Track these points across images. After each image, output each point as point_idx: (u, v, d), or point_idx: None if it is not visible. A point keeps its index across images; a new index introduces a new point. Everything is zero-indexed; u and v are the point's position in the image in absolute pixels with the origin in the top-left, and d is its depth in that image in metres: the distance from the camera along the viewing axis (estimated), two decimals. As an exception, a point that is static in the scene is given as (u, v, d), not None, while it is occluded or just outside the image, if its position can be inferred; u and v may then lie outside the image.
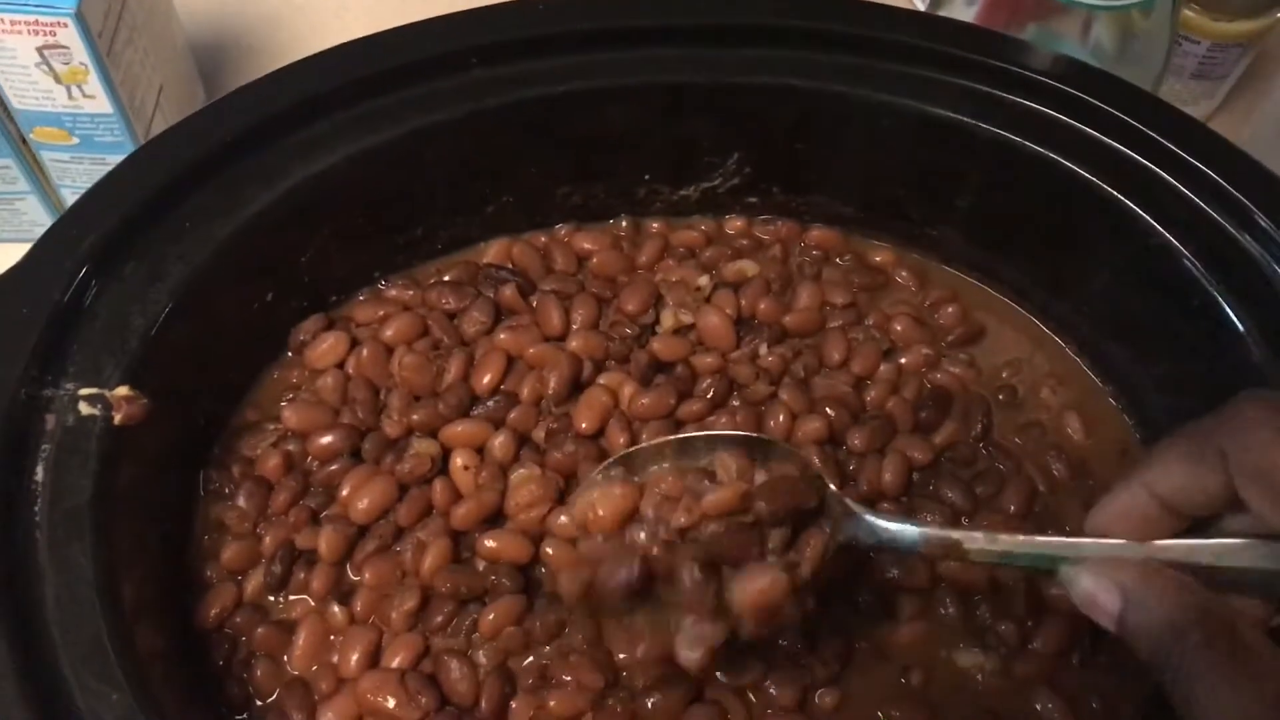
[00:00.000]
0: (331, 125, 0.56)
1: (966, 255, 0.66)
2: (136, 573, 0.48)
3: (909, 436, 0.59)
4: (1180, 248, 0.55)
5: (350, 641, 0.52)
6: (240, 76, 0.84)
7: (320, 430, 0.57)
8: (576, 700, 0.51)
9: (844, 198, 0.66)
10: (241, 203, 0.54)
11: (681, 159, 0.64)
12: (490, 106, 0.57)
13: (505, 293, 0.62)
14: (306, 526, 0.55)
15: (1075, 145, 0.58)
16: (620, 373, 0.60)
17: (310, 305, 0.61)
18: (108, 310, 0.50)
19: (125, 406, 0.48)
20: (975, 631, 0.54)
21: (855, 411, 0.60)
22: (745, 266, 0.64)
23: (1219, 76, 0.82)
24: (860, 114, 0.60)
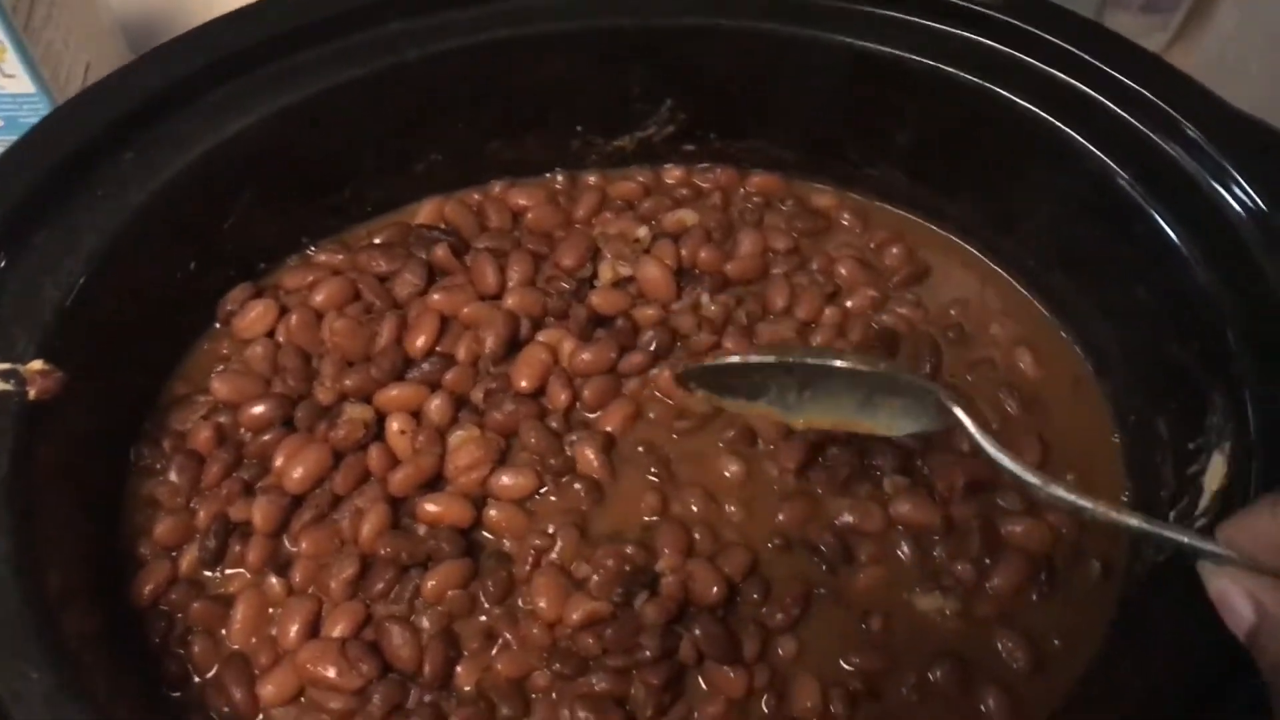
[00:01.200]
0: (247, 85, 0.55)
1: (909, 194, 0.65)
2: (64, 551, 0.47)
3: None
4: (1120, 172, 0.54)
5: (289, 613, 0.51)
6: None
7: (251, 400, 0.56)
8: (523, 661, 0.50)
9: (782, 141, 0.64)
10: (156, 168, 0.52)
11: (613, 108, 0.62)
12: (410, 59, 0.56)
13: (438, 253, 0.60)
14: (240, 499, 0.54)
15: (1013, 75, 0.57)
16: (559, 329, 0.59)
17: (237, 274, 0.60)
18: (19, 282, 0.49)
19: (40, 380, 0.47)
20: (932, 574, 0.53)
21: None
22: (684, 216, 0.63)
23: (1168, 9, 0.81)
24: (790, 52, 0.59)
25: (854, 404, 0.49)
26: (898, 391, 0.48)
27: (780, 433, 0.56)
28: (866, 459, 0.56)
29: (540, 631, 0.51)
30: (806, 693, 0.50)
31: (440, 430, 0.56)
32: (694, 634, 0.50)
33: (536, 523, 0.54)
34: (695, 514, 0.55)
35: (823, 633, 0.52)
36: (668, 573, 0.52)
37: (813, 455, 0.56)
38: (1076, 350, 0.61)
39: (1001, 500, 0.55)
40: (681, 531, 0.53)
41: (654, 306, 0.59)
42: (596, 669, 0.50)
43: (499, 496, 0.54)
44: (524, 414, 0.56)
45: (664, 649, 0.49)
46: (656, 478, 0.56)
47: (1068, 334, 0.61)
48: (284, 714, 0.50)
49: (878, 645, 0.52)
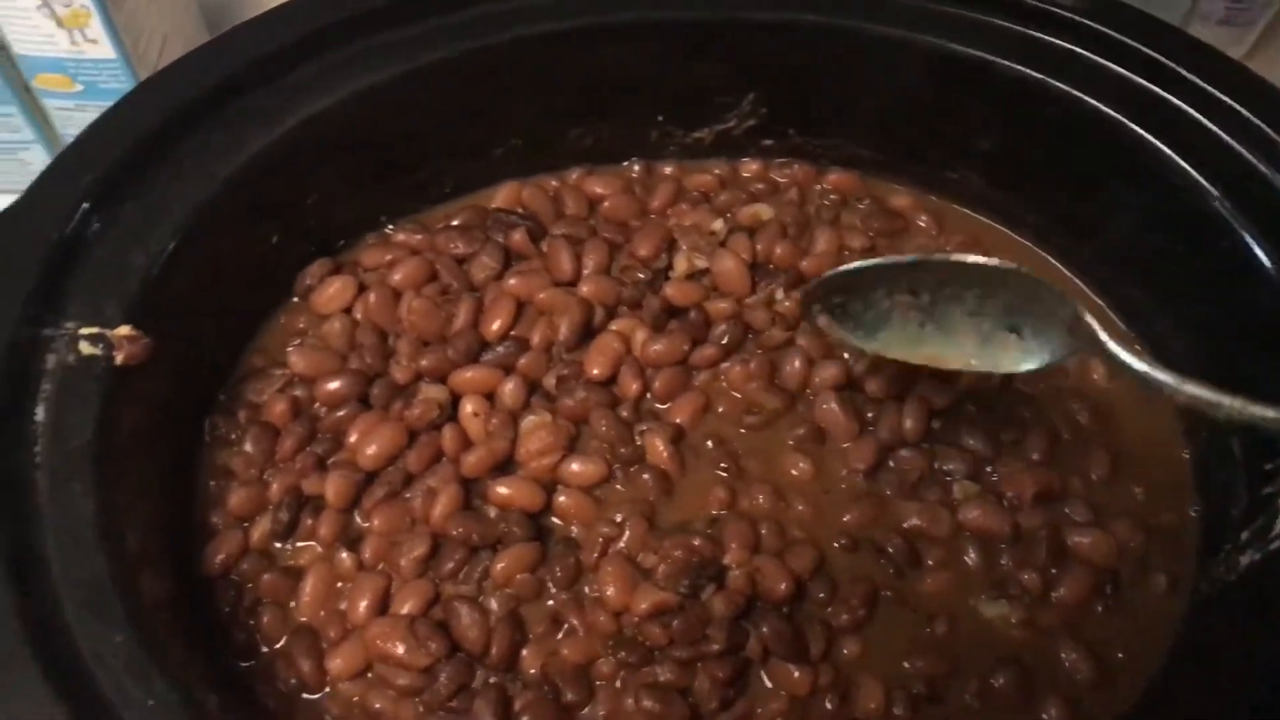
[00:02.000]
0: (333, 63, 0.55)
1: (986, 198, 0.64)
2: (140, 517, 0.48)
3: (928, 381, 0.58)
4: (1209, 187, 0.54)
5: (359, 588, 0.52)
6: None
7: (328, 375, 0.56)
8: (588, 647, 0.50)
9: (861, 139, 0.64)
10: (243, 142, 0.53)
11: (695, 100, 0.62)
12: (495, 43, 0.56)
13: (515, 237, 0.60)
14: (314, 473, 0.54)
15: (1100, 82, 0.57)
16: (633, 318, 0.59)
17: (317, 250, 0.60)
18: (108, 249, 0.49)
19: (127, 346, 0.47)
20: (998, 581, 0.53)
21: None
22: (760, 210, 0.63)
23: (1246, 23, 0.80)
24: (877, 51, 0.59)
25: (974, 342, 0.49)
26: (1023, 316, 0.48)
27: (851, 433, 0.56)
28: (936, 463, 0.56)
29: (606, 619, 0.51)
30: (869, 694, 0.50)
31: (513, 414, 0.56)
32: (761, 630, 0.50)
33: (605, 511, 0.54)
34: (763, 509, 0.55)
35: (887, 635, 0.52)
36: (735, 567, 0.52)
37: (883, 457, 0.56)
38: (1151, 362, 0.60)
39: (1069, 510, 0.55)
40: (749, 526, 0.54)
41: (728, 300, 0.59)
42: (662, 659, 0.50)
43: (568, 483, 0.55)
44: (595, 402, 0.56)
45: (731, 643, 0.50)
46: (725, 472, 0.56)
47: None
48: (351, 688, 0.50)
49: (941, 649, 0.52)
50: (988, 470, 0.56)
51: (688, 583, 0.51)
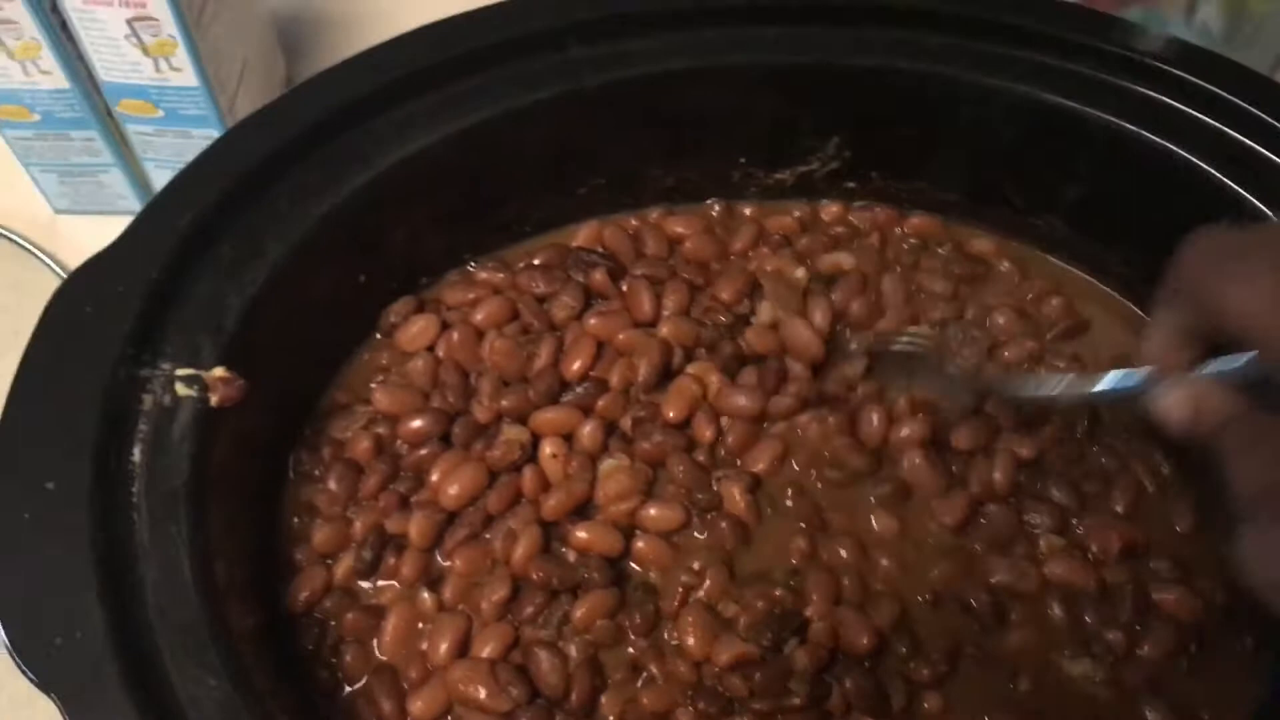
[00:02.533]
0: (427, 105, 0.55)
1: (1072, 245, 0.64)
2: (229, 555, 0.48)
3: (1012, 434, 0.57)
4: (1307, 245, 0.53)
5: (440, 629, 0.52)
6: (320, 49, 0.83)
7: (410, 414, 0.56)
8: (667, 696, 0.50)
9: (946, 185, 0.64)
10: (337, 183, 0.53)
11: (779, 142, 0.62)
12: (588, 86, 0.56)
13: (595, 277, 0.60)
14: (396, 511, 0.54)
15: (1191, 133, 0.56)
16: (708, 362, 0.59)
17: (400, 287, 0.60)
18: (204, 289, 0.49)
19: (222, 388, 0.48)
20: (1083, 639, 0.53)
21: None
22: (841, 260, 0.63)
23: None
24: (967, 99, 0.58)
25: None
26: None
27: (938, 488, 0.56)
28: (1023, 516, 0.55)
29: (686, 668, 0.51)
30: (951, 750, 0.50)
31: (592, 456, 0.56)
32: (844, 684, 0.50)
33: (683, 558, 0.54)
34: (845, 562, 0.54)
35: (969, 691, 0.52)
36: (816, 619, 0.52)
37: (972, 512, 0.55)
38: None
39: (1154, 565, 0.55)
40: (831, 578, 0.53)
41: (801, 364, 0.59)
42: (742, 711, 0.50)
43: (646, 528, 0.55)
44: (671, 446, 0.56)
45: (813, 697, 0.49)
46: (805, 523, 0.55)
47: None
48: (431, 730, 0.50)
49: (1025, 707, 0.51)
50: (1073, 523, 0.55)
51: (770, 635, 0.50)
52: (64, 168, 0.71)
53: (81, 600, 0.42)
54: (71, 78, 0.65)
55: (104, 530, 0.44)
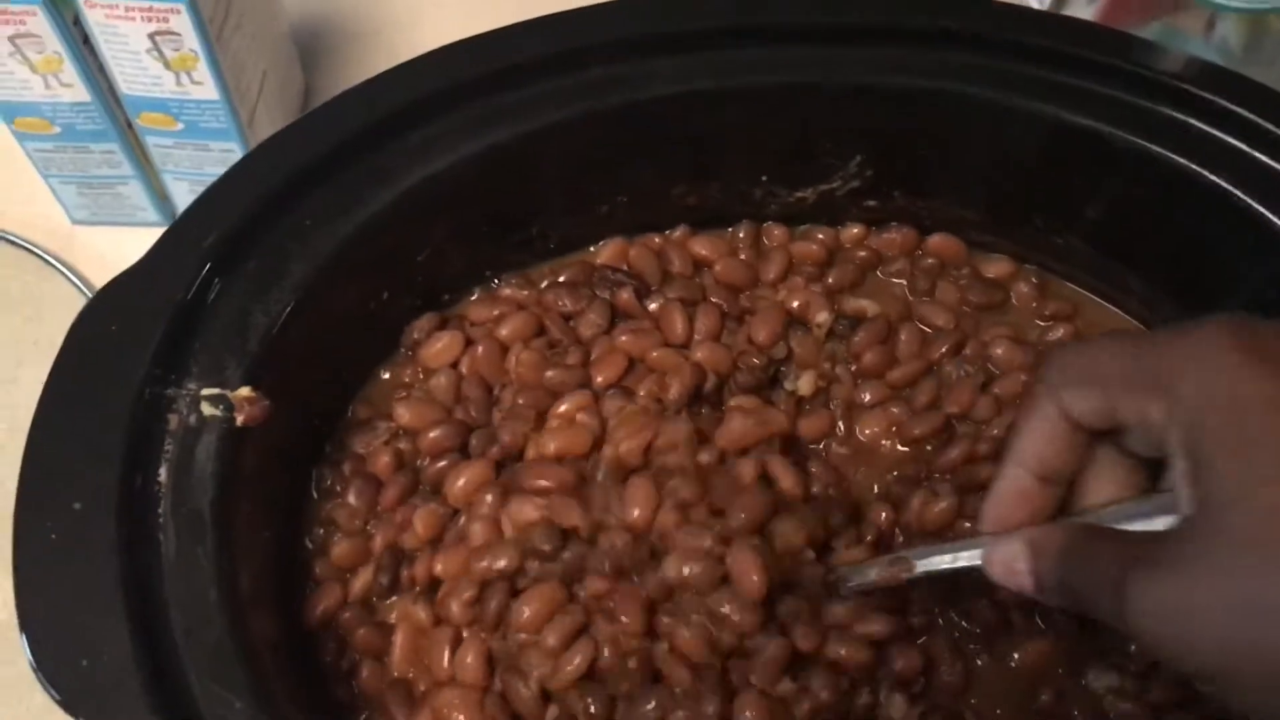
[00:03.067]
0: (450, 124, 0.55)
1: (1092, 266, 0.64)
2: (252, 572, 0.48)
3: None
4: (1327, 265, 0.53)
5: (437, 642, 0.51)
6: (339, 61, 0.83)
7: (431, 426, 0.56)
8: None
9: (967, 203, 0.63)
10: (363, 201, 0.53)
11: (802, 161, 0.62)
12: (610, 106, 0.56)
13: (622, 296, 0.61)
14: (412, 526, 0.54)
15: (1216, 155, 0.56)
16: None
17: (423, 304, 0.60)
18: (230, 308, 0.50)
19: (247, 408, 0.48)
20: (1100, 650, 0.53)
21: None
22: (867, 306, 0.63)
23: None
24: (989, 118, 0.58)
25: None
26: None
27: None
28: None
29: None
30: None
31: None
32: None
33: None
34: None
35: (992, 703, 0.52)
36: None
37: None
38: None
39: None
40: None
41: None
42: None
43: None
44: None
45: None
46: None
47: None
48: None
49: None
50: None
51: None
52: (83, 179, 0.72)
53: (107, 621, 0.42)
54: (93, 91, 0.65)
55: (130, 550, 0.44)
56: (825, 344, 0.62)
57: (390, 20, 0.85)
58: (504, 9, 0.59)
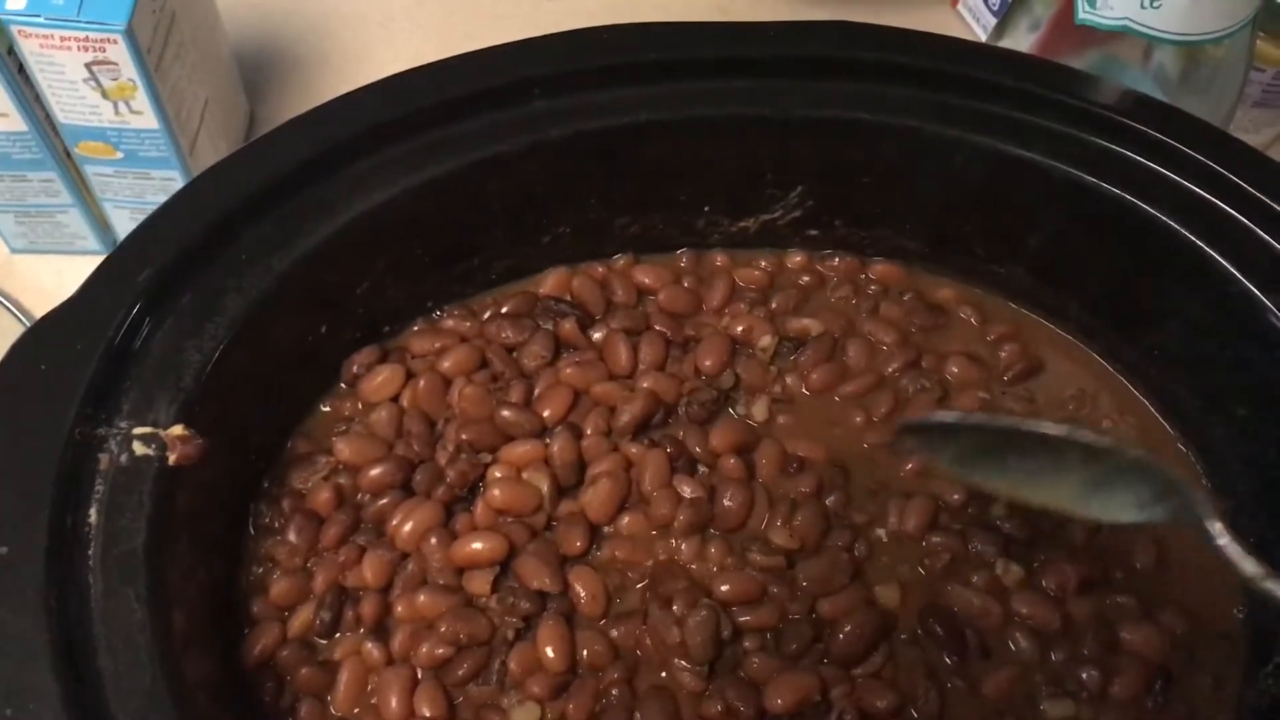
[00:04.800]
0: (391, 156, 0.55)
1: (1033, 293, 0.64)
2: (186, 612, 0.47)
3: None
4: (1262, 298, 0.54)
5: (387, 683, 0.51)
6: (285, 88, 0.83)
7: (372, 463, 0.56)
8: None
9: (909, 233, 0.64)
10: (300, 235, 0.52)
11: (744, 191, 0.62)
12: (554, 138, 0.56)
13: (565, 326, 0.60)
14: (356, 565, 0.54)
15: (1151, 186, 0.57)
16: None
17: (363, 336, 0.60)
18: (162, 346, 0.49)
19: (180, 446, 0.47)
20: (1054, 677, 0.53)
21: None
22: (809, 325, 0.63)
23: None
24: (929, 150, 0.59)
25: (1073, 487, 0.48)
26: (1120, 472, 0.47)
27: None
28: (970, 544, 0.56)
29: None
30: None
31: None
32: None
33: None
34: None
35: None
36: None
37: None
38: (1194, 462, 0.60)
39: (1120, 600, 0.55)
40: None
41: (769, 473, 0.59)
42: None
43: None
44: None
45: None
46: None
47: (1186, 447, 0.61)
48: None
49: None
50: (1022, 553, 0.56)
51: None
52: (21, 208, 0.70)
53: (34, 669, 0.41)
54: (29, 120, 0.64)
55: (59, 595, 0.43)
56: (770, 366, 0.62)
57: (337, 49, 0.85)
58: (451, 39, 0.59)
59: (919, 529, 0.56)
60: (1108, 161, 0.57)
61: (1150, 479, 0.46)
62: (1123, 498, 0.47)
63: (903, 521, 0.57)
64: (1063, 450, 0.47)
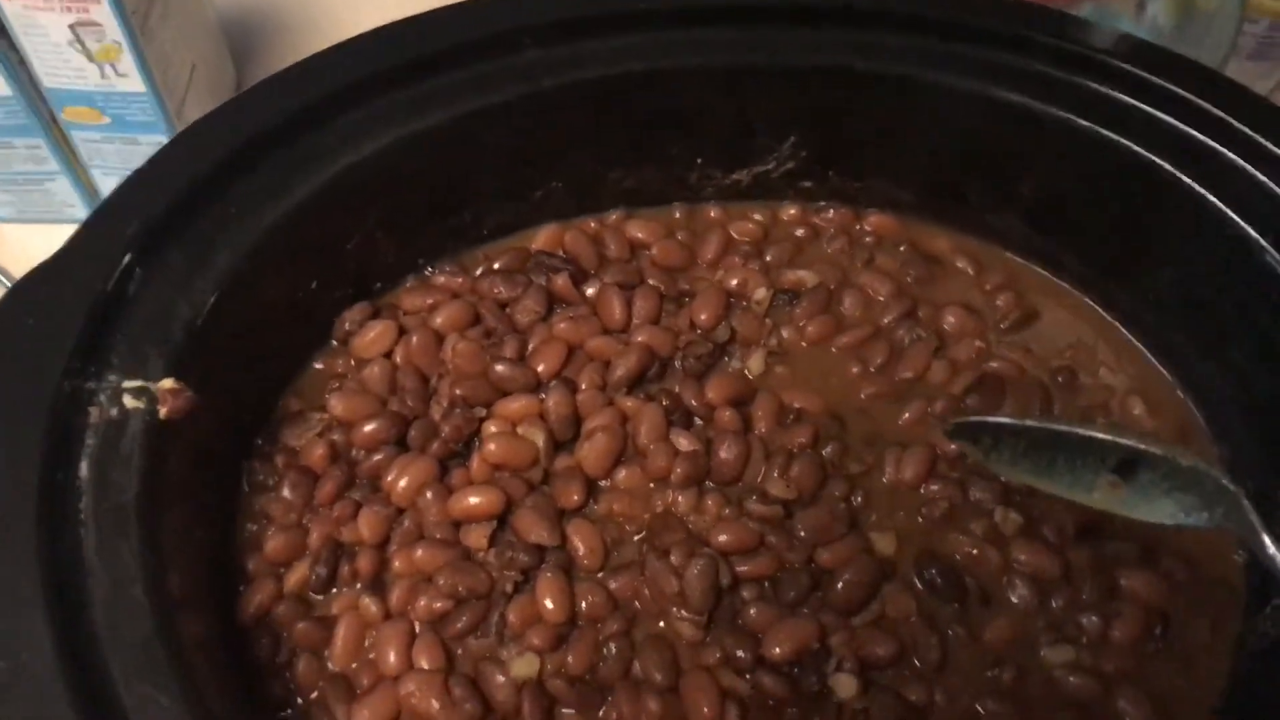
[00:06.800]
0: (380, 108, 0.54)
1: (1028, 242, 0.64)
2: (182, 568, 0.47)
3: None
4: (1259, 240, 0.53)
5: (385, 637, 0.51)
6: (271, 53, 0.82)
7: (366, 419, 0.55)
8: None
9: (903, 183, 0.64)
10: (288, 188, 0.52)
11: (737, 142, 0.62)
12: (545, 89, 0.56)
13: (558, 281, 0.60)
14: (351, 520, 0.53)
15: (1147, 130, 0.56)
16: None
17: (354, 293, 0.59)
18: (152, 300, 0.48)
19: (171, 400, 0.47)
20: (1054, 623, 0.53)
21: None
22: (805, 277, 0.63)
23: (1276, 56, 0.80)
24: (922, 97, 0.58)
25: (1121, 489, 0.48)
26: (1169, 476, 0.46)
27: None
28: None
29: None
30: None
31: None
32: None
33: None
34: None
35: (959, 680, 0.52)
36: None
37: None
38: (1192, 408, 0.60)
39: (1117, 547, 0.55)
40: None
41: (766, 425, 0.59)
42: None
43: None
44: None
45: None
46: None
47: (1184, 393, 0.61)
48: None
49: (1009, 693, 0.51)
50: (1016, 500, 0.56)
51: (815, 678, 0.50)
52: (8, 176, 0.70)
53: (27, 620, 0.41)
54: (13, 85, 0.64)
55: (51, 548, 0.42)
56: (766, 319, 0.61)
57: (324, 12, 0.84)
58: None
59: (917, 478, 0.56)
60: (1101, 105, 0.57)
61: (1198, 484, 0.46)
62: (1169, 501, 0.47)
63: (900, 471, 0.57)
64: (1110, 452, 0.47)
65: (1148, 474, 0.47)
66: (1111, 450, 0.47)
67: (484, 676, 0.50)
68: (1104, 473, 0.48)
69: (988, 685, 0.51)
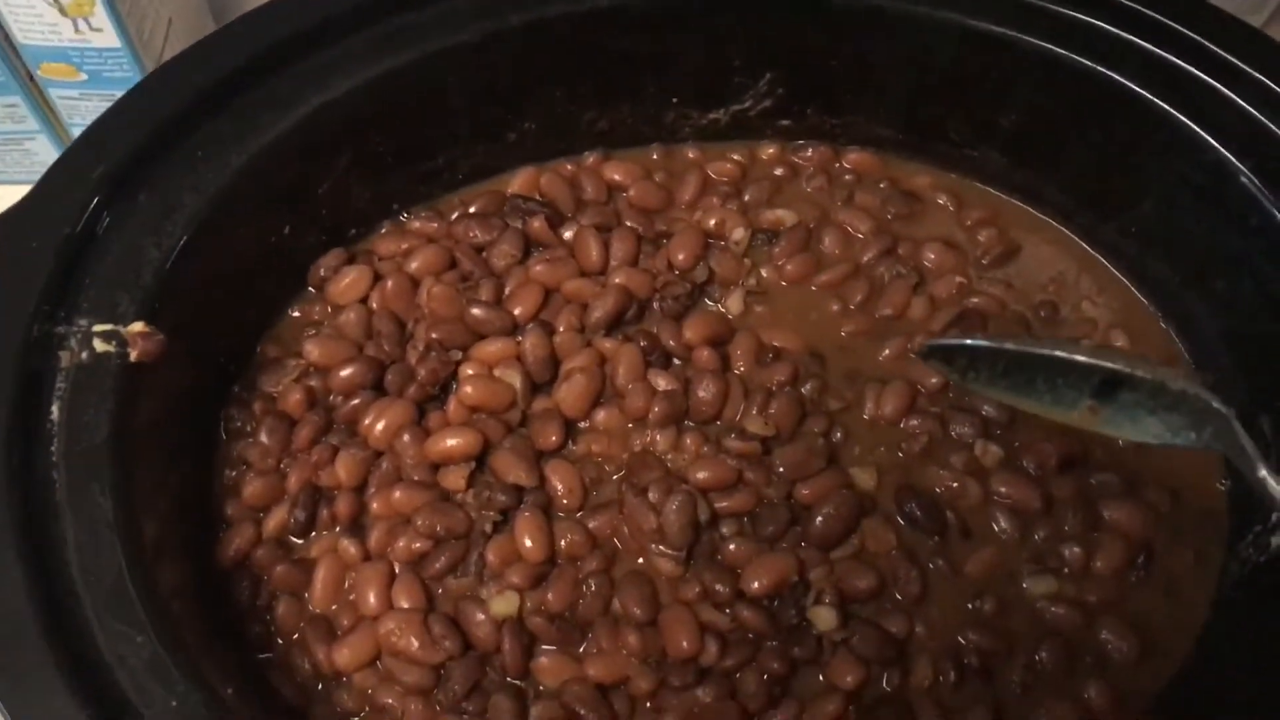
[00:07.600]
0: (347, 49, 0.54)
1: (1009, 177, 0.63)
2: (158, 512, 0.47)
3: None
4: (1237, 164, 0.53)
5: (364, 578, 0.51)
6: (249, 5, 0.81)
7: (342, 364, 0.55)
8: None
9: (882, 119, 0.63)
10: (255, 130, 0.52)
11: (712, 80, 0.61)
12: (514, 25, 0.55)
13: (534, 224, 0.60)
14: (329, 464, 0.53)
15: (1123, 56, 0.56)
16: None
17: (329, 239, 0.59)
18: (120, 243, 0.48)
19: (141, 343, 0.47)
20: (1036, 555, 0.53)
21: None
22: (783, 216, 0.62)
23: (1267, -10, 0.79)
24: (897, 28, 0.57)
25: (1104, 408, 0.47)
26: (1153, 397, 0.46)
27: None
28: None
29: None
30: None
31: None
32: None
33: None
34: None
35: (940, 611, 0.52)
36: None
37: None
38: (1174, 339, 0.60)
39: (1100, 479, 0.55)
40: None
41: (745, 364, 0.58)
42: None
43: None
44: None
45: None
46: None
47: (1166, 324, 0.60)
48: (364, 680, 0.50)
49: (991, 624, 0.51)
50: (998, 434, 0.56)
51: (794, 611, 0.50)
52: (-14, 135, 0.70)
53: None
54: (-13, 41, 0.63)
55: (22, 489, 0.42)
56: (745, 259, 0.61)
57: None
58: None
59: (897, 413, 0.56)
60: (1077, 33, 0.56)
61: (1185, 405, 0.45)
62: (1155, 421, 0.46)
63: (880, 406, 0.56)
64: (1093, 372, 0.46)
65: (1131, 394, 0.46)
66: (1095, 372, 0.46)
67: (464, 615, 0.50)
68: (1087, 392, 0.47)
69: (969, 617, 0.52)
